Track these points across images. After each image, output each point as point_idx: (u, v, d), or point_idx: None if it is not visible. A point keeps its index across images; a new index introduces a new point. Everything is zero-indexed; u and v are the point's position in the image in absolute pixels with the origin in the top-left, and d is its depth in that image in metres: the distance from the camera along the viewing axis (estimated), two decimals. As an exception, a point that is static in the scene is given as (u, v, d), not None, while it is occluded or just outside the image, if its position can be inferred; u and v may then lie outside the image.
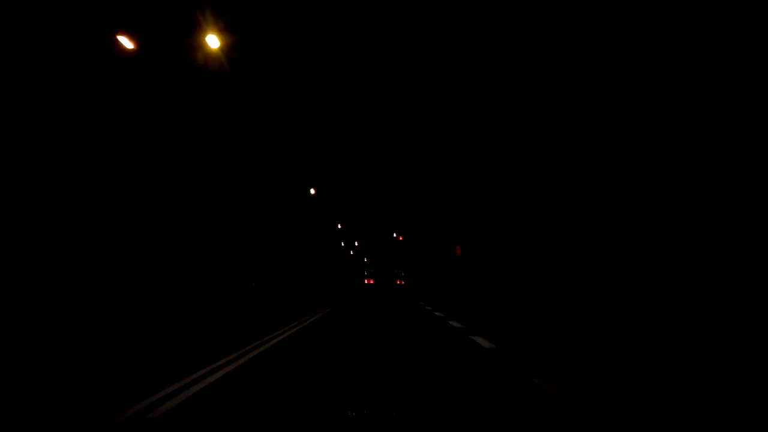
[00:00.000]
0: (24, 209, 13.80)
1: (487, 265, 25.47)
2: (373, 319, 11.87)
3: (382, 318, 12.28)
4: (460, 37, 20.60)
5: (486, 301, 20.49)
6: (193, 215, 23.29)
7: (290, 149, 31.87)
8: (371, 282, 50.00)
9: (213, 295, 21.03)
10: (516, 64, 18.78)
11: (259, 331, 8.79)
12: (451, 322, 10.72)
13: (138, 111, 18.27)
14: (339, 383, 4.74)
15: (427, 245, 43.98)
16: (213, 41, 14.31)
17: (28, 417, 3.66)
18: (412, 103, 28.14)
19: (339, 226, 57.83)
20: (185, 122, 21.11)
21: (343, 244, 66.31)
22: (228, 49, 15.31)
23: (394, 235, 61.28)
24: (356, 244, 67.26)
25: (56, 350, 6.63)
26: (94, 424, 3.14)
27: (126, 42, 13.70)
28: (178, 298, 18.57)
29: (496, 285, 23.24)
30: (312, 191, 39.15)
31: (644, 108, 12.91)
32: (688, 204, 11.69)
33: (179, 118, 20.64)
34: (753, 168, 10.30)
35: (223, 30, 14.72)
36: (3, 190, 13.28)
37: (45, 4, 13.87)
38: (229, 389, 4.55)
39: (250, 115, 26.19)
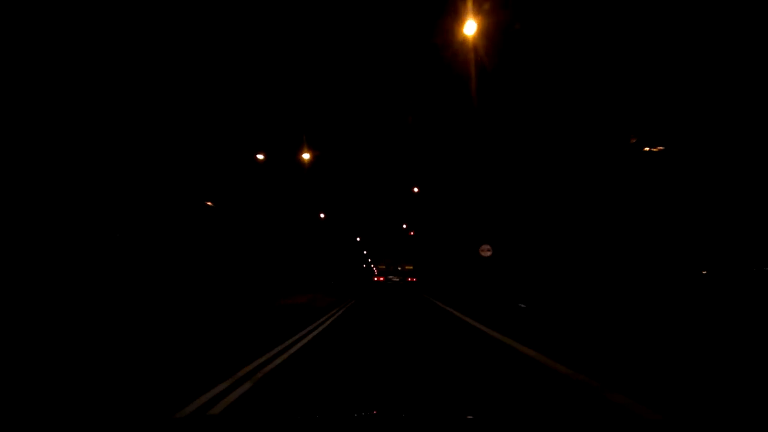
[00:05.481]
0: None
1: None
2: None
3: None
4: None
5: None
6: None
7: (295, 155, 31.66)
8: (381, 279, 50.33)
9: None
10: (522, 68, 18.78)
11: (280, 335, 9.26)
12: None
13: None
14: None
15: (444, 242, 43.15)
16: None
17: (89, 415, 3.82)
18: (419, 104, 28.03)
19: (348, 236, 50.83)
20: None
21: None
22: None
23: (405, 227, 59.81)
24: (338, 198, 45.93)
25: (111, 349, 6.93)
26: (154, 421, 3.20)
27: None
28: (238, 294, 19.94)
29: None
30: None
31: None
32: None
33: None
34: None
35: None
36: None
37: None
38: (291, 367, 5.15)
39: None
